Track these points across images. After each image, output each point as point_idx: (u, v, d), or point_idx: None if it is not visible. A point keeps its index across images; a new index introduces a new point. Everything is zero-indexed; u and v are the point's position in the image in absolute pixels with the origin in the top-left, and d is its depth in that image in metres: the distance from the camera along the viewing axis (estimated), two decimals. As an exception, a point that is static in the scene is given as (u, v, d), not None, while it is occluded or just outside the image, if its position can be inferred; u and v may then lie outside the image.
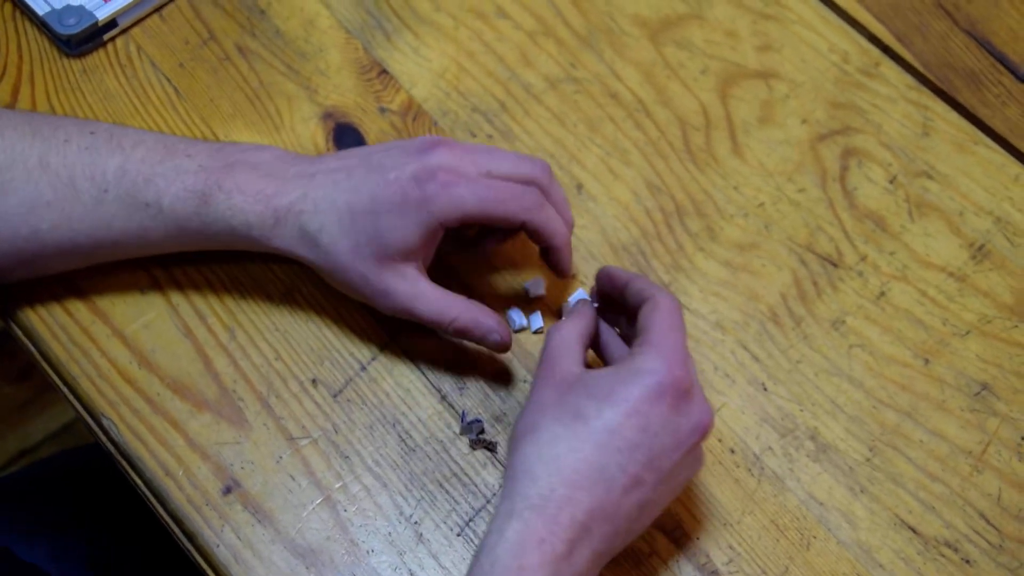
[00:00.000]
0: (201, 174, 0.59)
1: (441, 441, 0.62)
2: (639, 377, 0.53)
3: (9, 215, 0.58)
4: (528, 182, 0.60)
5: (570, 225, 0.62)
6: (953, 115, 0.74)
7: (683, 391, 0.53)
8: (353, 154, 0.61)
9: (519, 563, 0.49)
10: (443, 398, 0.63)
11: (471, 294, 0.62)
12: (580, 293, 0.66)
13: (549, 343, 0.57)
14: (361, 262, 0.58)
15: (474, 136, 0.71)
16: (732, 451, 0.62)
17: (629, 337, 0.60)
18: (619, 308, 0.60)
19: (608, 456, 0.52)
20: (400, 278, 0.59)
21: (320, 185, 0.59)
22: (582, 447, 0.52)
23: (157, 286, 0.65)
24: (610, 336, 0.60)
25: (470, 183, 0.58)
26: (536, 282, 0.66)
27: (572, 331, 0.57)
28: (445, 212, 0.57)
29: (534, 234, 0.60)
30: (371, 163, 0.59)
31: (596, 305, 0.61)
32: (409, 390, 0.63)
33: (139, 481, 0.61)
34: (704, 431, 0.54)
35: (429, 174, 0.57)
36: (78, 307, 0.64)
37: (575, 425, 0.52)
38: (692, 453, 0.55)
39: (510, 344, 0.61)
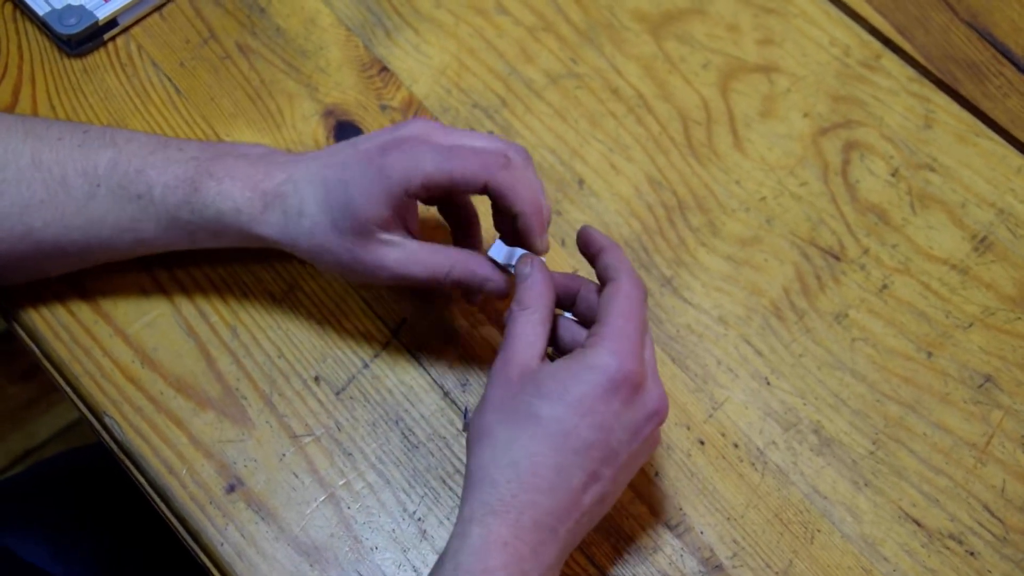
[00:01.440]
0: (191, 163, 0.59)
1: (444, 438, 0.62)
2: (591, 373, 0.52)
3: (2, 216, 0.58)
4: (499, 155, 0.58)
5: (546, 210, 0.59)
6: (955, 107, 0.74)
7: (636, 385, 0.52)
8: (346, 141, 0.60)
9: (483, 566, 0.49)
10: (446, 395, 0.63)
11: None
12: (498, 244, 0.62)
13: (509, 333, 0.55)
14: (344, 238, 0.57)
15: (475, 132, 0.71)
16: (735, 445, 0.62)
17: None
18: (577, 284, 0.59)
19: (565, 457, 0.51)
20: (388, 247, 0.57)
21: (305, 166, 0.59)
22: (539, 449, 0.51)
23: (159, 286, 0.65)
24: (564, 324, 0.58)
25: (433, 148, 0.56)
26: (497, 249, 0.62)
27: (531, 320, 0.55)
28: (405, 175, 0.55)
29: (499, 198, 0.56)
30: (354, 142, 0.59)
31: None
32: (412, 387, 0.63)
33: (142, 480, 0.61)
34: (660, 418, 0.54)
35: (396, 143, 0.57)
36: (81, 307, 0.64)
37: (529, 426, 0.51)
38: (648, 439, 0.54)
39: (508, 291, 0.58)
